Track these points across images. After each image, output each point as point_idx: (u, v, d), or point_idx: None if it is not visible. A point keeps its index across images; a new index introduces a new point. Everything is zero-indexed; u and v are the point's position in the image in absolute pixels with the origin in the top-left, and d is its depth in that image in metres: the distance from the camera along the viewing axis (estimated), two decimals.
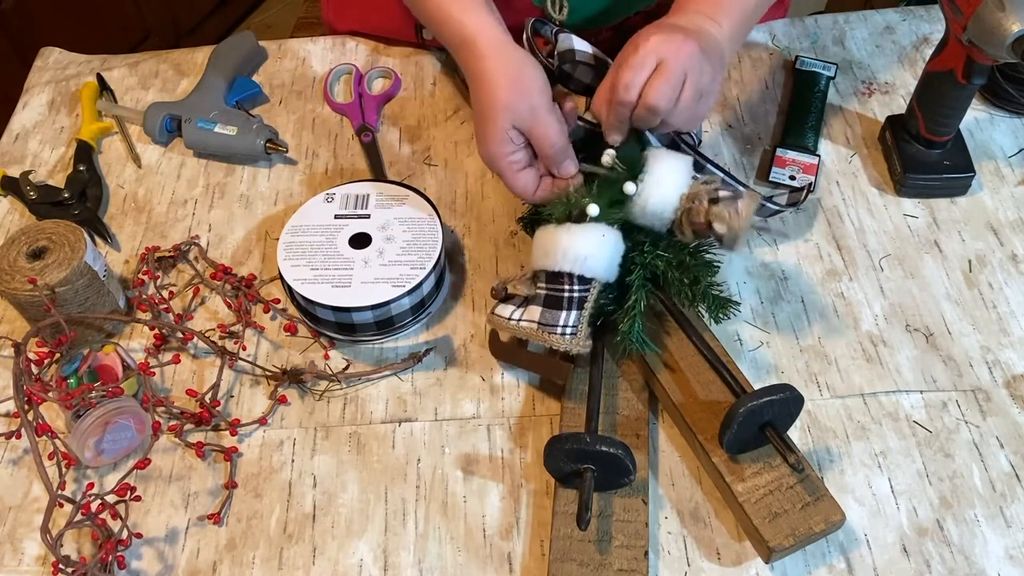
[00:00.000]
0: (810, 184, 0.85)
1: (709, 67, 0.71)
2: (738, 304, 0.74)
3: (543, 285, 0.71)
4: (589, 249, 0.69)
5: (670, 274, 0.72)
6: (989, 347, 0.76)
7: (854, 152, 0.90)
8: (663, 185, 0.70)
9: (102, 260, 0.79)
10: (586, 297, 0.69)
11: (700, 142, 0.85)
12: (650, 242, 0.73)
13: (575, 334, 0.69)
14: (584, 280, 0.69)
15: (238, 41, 1.02)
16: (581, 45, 0.79)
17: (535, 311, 0.70)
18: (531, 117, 0.72)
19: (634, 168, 0.72)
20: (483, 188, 0.90)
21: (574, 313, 0.69)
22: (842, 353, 0.76)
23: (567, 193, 0.73)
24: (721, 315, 0.72)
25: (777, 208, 0.79)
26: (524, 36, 0.79)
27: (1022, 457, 0.69)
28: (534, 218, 0.76)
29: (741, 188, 0.72)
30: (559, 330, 0.69)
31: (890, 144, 0.87)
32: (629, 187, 0.70)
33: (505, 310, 0.71)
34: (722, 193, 0.70)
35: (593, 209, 0.70)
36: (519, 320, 0.70)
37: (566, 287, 0.69)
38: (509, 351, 0.74)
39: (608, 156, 0.73)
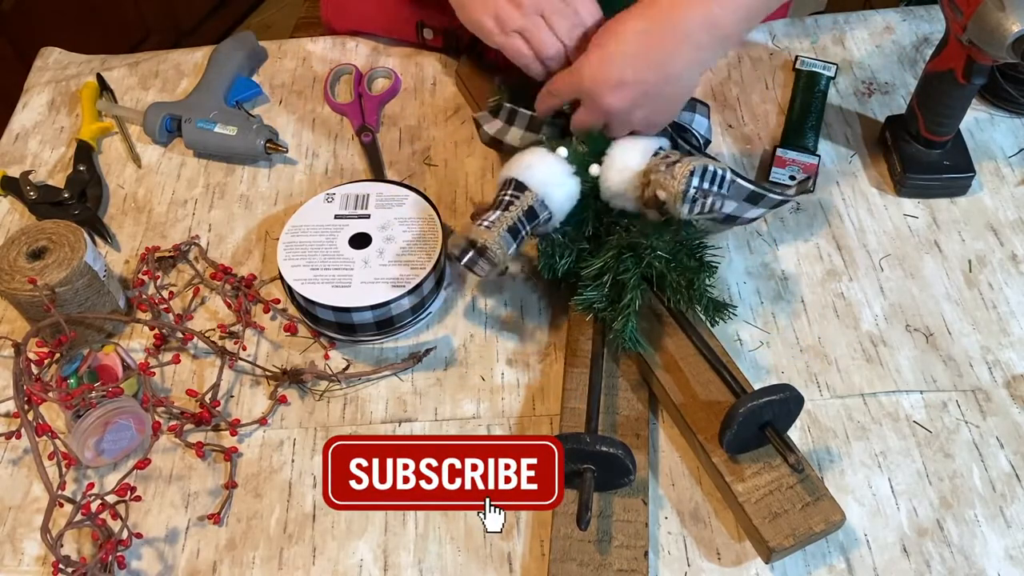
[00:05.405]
0: (814, 173, 0.85)
1: (665, 100, 0.75)
2: (735, 307, 0.74)
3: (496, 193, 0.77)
4: (534, 160, 0.75)
5: (668, 276, 0.72)
6: (989, 347, 0.76)
7: (854, 152, 0.90)
8: (616, 168, 0.75)
9: (102, 260, 0.79)
10: (513, 202, 0.73)
11: (708, 142, 0.85)
12: (649, 242, 0.72)
13: (489, 228, 0.72)
14: (519, 186, 0.74)
15: (238, 41, 1.02)
16: None
17: (483, 213, 0.75)
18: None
19: (599, 153, 0.76)
20: (483, 188, 0.90)
21: (498, 212, 0.73)
22: (842, 353, 0.76)
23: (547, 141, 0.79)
24: (717, 318, 0.73)
25: (783, 198, 0.78)
26: None
27: (1022, 457, 0.69)
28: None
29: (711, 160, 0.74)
30: (481, 220, 0.74)
31: (890, 144, 0.87)
32: (593, 168, 0.76)
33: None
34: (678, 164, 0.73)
35: (562, 151, 0.76)
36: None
37: (505, 190, 0.75)
38: None
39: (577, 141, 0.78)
